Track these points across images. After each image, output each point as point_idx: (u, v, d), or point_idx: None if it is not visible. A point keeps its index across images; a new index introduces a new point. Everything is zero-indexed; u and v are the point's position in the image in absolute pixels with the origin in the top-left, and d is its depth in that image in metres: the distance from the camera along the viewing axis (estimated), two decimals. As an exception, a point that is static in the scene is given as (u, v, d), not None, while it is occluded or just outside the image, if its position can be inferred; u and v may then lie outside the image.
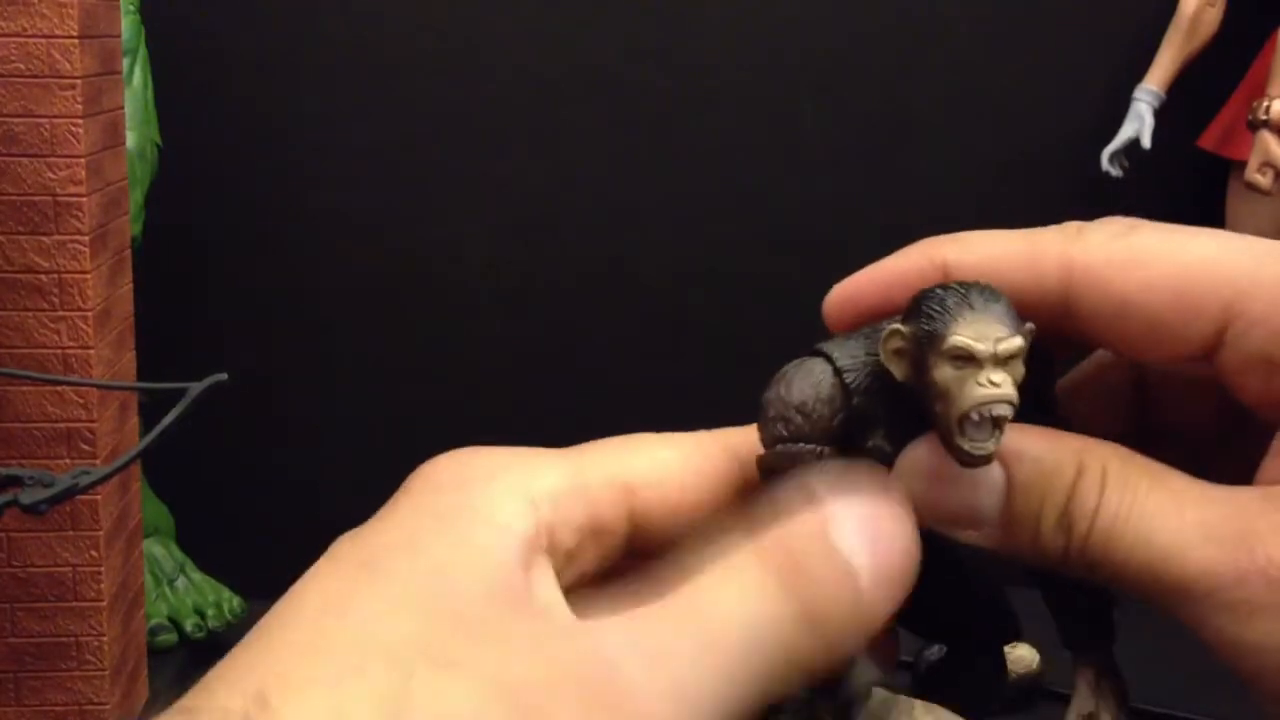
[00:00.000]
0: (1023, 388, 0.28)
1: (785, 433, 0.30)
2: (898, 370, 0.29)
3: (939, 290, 0.29)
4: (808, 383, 0.31)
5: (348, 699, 0.24)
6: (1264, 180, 1.68)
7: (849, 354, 0.31)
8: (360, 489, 2.30)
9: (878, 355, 0.30)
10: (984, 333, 0.28)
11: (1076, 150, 1.91)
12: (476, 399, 1.91)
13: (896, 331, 0.29)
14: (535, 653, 0.25)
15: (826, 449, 0.30)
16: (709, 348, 1.92)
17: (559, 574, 0.28)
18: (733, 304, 1.91)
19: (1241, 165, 1.74)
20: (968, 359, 0.28)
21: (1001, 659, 0.34)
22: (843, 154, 1.91)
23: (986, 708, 0.34)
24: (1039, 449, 0.29)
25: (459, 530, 0.27)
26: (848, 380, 0.31)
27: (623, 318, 1.91)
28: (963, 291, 0.29)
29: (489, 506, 0.28)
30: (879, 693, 0.30)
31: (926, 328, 0.28)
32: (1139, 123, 1.82)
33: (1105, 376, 0.35)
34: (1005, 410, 0.28)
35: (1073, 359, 0.32)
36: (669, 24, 1.87)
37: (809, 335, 0.34)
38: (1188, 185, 1.93)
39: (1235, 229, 2.03)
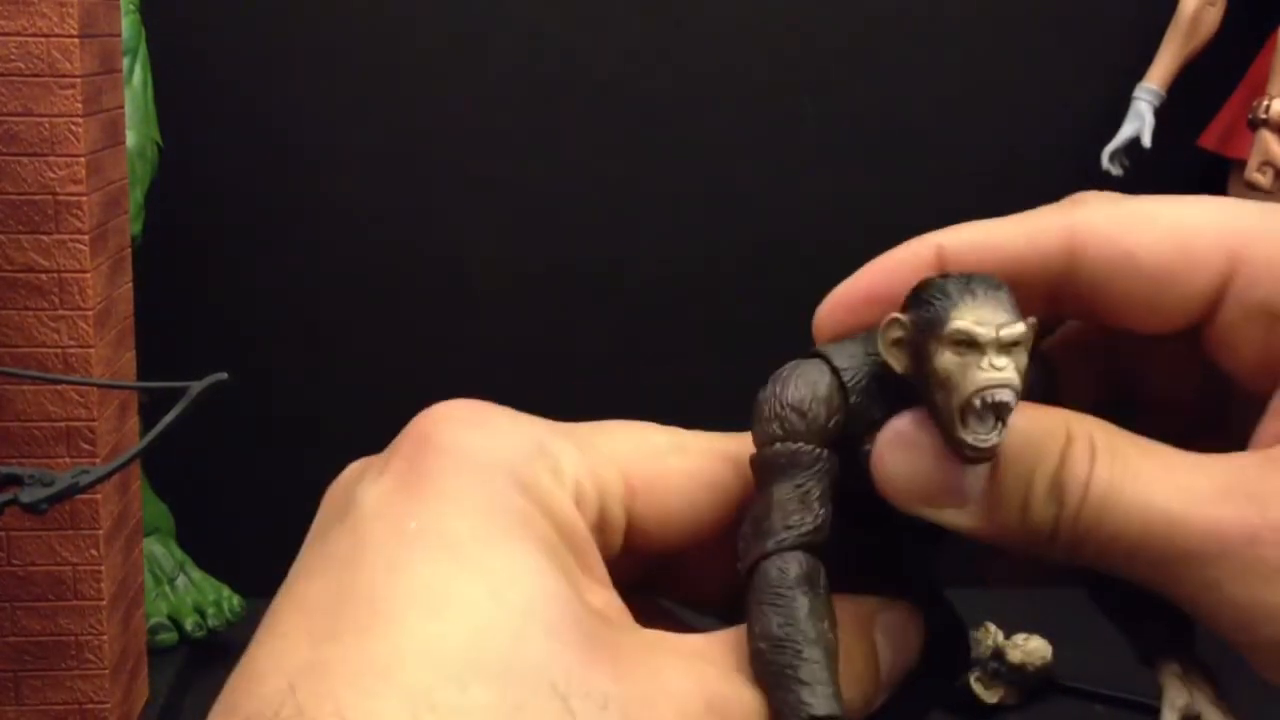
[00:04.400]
0: (1027, 390, 0.28)
1: (781, 432, 0.30)
2: (897, 362, 0.28)
3: (940, 279, 0.28)
4: (804, 383, 0.30)
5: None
6: (1264, 179, 1.68)
7: (847, 354, 0.30)
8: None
9: (876, 355, 0.30)
10: (987, 318, 0.28)
11: (1076, 150, 1.91)
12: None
13: (896, 320, 0.28)
14: (640, 672, 0.25)
15: (824, 450, 0.30)
16: (708, 346, 1.92)
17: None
18: (733, 303, 1.91)
19: (1242, 164, 1.74)
20: (970, 344, 0.27)
21: (950, 662, 0.33)
22: (842, 154, 1.91)
23: (922, 706, 0.34)
24: (1024, 420, 0.28)
25: (525, 518, 0.26)
26: (845, 379, 0.30)
27: (624, 318, 1.91)
28: (965, 280, 0.28)
29: (539, 490, 0.27)
30: None
31: (927, 314, 0.28)
32: (1139, 121, 1.82)
33: (1077, 350, 0.34)
34: (1008, 396, 0.27)
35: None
36: (668, 24, 1.87)
37: (809, 334, 0.34)
38: (1188, 185, 1.93)
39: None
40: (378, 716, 0.22)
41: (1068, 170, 1.93)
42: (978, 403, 0.27)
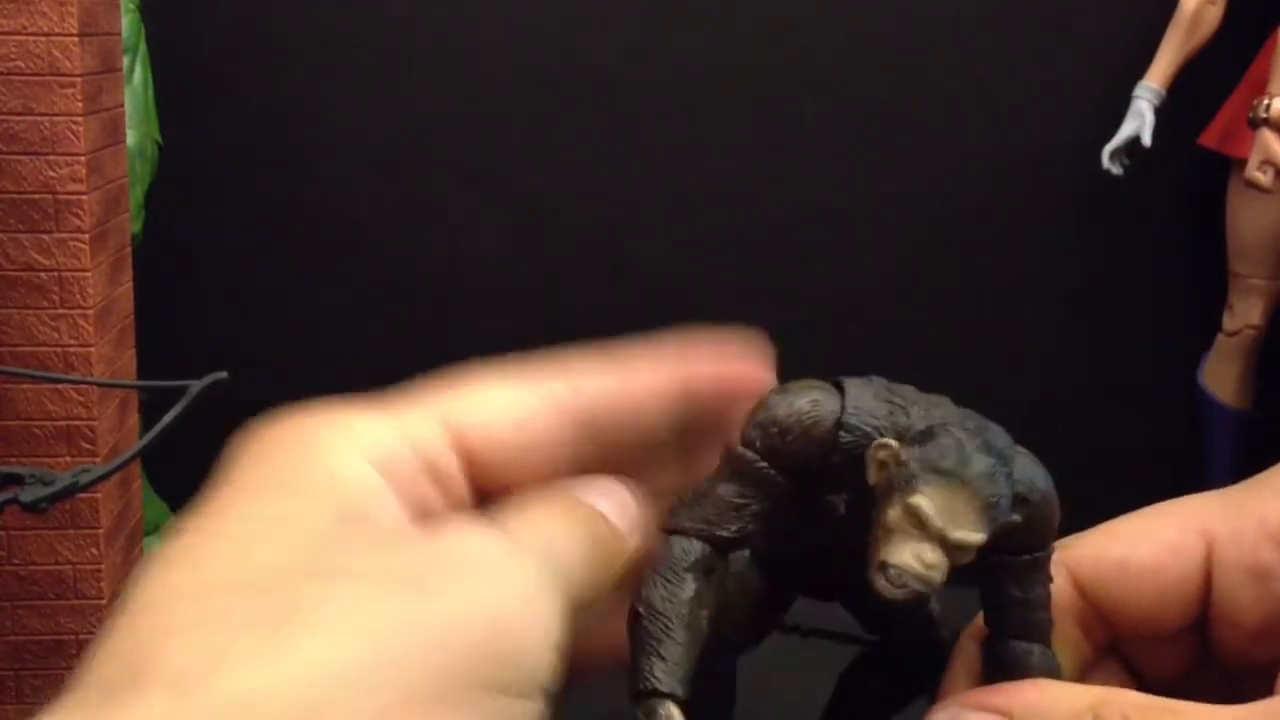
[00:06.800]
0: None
1: (758, 444, 0.30)
2: (873, 475, 0.28)
3: (953, 434, 0.28)
4: (807, 412, 0.30)
5: (225, 634, 0.22)
6: (1264, 178, 1.67)
7: (866, 411, 0.30)
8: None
9: (888, 421, 0.29)
10: (951, 510, 0.27)
11: (1076, 150, 1.91)
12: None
13: (889, 447, 0.28)
14: (407, 549, 0.26)
15: (783, 480, 0.30)
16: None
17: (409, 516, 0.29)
18: (730, 302, 1.91)
19: (1242, 163, 1.73)
20: (920, 523, 0.27)
21: (923, 656, 0.34)
22: (843, 153, 1.91)
23: (898, 698, 0.34)
24: (1048, 699, 0.29)
25: (296, 479, 0.27)
26: (843, 437, 0.30)
27: (623, 317, 1.91)
28: (966, 455, 0.28)
29: (322, 456, 0.28)
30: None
31: (911, 466, 0.28)
32: (1139, 120, 1.82)
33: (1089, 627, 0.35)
34: (919, 587, 0.27)
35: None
36: (669, 25, 1.87)
37: (807, 331, 0.34)
38: (1188, 183, 1.93)
39: (1236, 226, 2.02)
40: None
41: (1068, 169, 1.93)
42: (892, 573, 0.27)
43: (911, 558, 0.28)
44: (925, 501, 0.28)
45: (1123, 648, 0.34)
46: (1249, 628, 0.31)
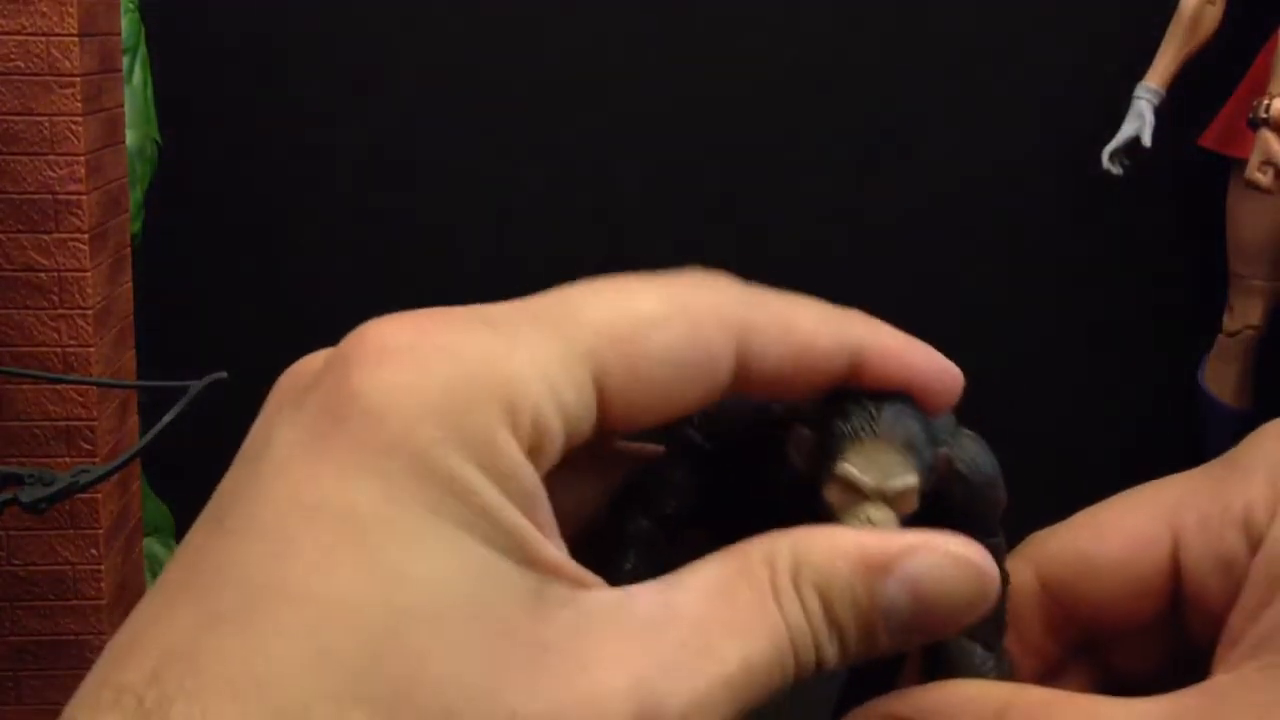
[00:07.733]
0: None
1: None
2: (802, 465, 0.29)
3: (850, 401, 0.28)
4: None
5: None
6: (1264, 178, 1.67)
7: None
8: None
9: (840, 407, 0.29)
10: (875, 464, 0.28)
11: (1076, 150, 1.91)
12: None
13: (805, 438, 0.28)
14: (562, 676, 0.23)
15: (714, 452, 0.30)
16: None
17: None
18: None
19: (1242, 163, 1.73)
20: (854, 489, 0.28)
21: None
22: (843, 153, 1.91)
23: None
24: (954, 705, 0.29)
25: (456, 485, 0.23)
26: (774, 406, 0.30)
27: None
28: (872, 411, 0.28)
29: (479, 442, 0.23)
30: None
31: (827, 442, 0.28)
32: (1140, 121, 1.82)
33: (1052, 612, 0.35)
34: None
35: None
36: (670, 26, 1.87)
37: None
38: (1188, 184, 1.93)
39: (1235, 226, 2.01)
40: None
41: (1068, 170, 1.93)
42: None
43: (860, 524, 0.28)
44: (850, 467, 0.28)
45: (1094, 646, 0.34)
46: (1219, 617, 0.31)
